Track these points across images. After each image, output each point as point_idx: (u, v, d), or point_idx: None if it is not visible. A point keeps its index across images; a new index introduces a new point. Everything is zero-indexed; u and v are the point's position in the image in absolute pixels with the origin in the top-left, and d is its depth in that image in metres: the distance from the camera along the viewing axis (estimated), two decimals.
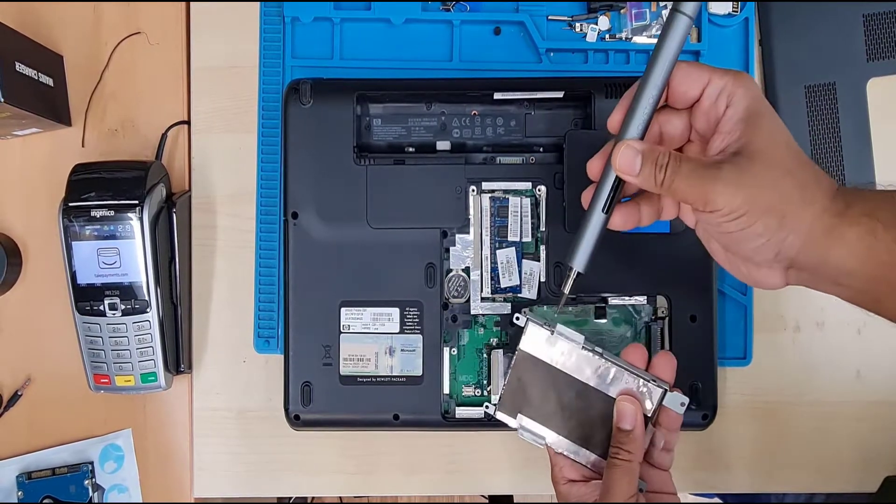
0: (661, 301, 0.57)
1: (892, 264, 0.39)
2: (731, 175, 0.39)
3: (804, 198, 0.40)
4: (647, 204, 0.45)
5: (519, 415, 0.48)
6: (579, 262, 0.45)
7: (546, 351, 0.47)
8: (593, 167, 0.45)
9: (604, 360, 0.47)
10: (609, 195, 0.43)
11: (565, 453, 0.48)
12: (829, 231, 0.39)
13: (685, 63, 0.42)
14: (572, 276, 0.45)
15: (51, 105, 0.61)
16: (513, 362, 0.48)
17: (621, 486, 0.44)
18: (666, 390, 0.46)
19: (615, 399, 0.46)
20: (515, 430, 0.49)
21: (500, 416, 0.49)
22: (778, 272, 0.42)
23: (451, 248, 0.57)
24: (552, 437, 0.48)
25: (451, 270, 0.57)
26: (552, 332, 0.47)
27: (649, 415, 0.46)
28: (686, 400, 0.46)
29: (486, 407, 0.49)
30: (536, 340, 0.47)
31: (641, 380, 0.46)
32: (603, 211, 0.44)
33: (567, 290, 0.46)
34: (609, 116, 0.44)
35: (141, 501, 0.63)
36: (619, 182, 0.43)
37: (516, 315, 0.48)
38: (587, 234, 0.44)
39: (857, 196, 0.40)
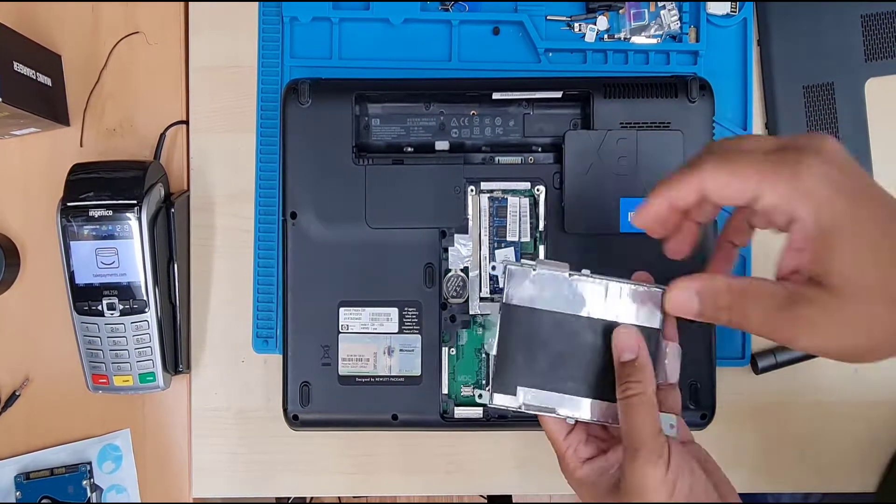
0: None
1: None
2: (814, 316, 0.32)
3: None
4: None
5: (518, 388, 0.42)
6: None
7: (532, 295, 0.42)
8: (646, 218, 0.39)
9: (596, 281, 0.41)
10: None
11: (581, 417, 0.42)
12: None
13: (719, 167, 0.35)
14: None
15: (49, 105, 0.61)
16: (499, 323, 0.43)
17: (644, 427, 0.38)
18: (664, 290, 0.41)
19: (622, 324, 0.41)
20: (518, 409, 0.43)
21: (498, 399, 0.43)
22: None
23: (449, 248, 0.57)
24: (566, 402, 0.42)
25: (449, 270, 0.57)
26: (534, 269, 0.42)
27: (657, 325, 0.41)
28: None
29: (479, 396, 0.45)
30: (519, 287, 0.42)
31: (642, 287, 0.41)
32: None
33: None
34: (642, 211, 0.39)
35: (139, 502, 0.63)
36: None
37: (492, 264, 0.44)
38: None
39: None
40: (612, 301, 0.42)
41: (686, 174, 0.36)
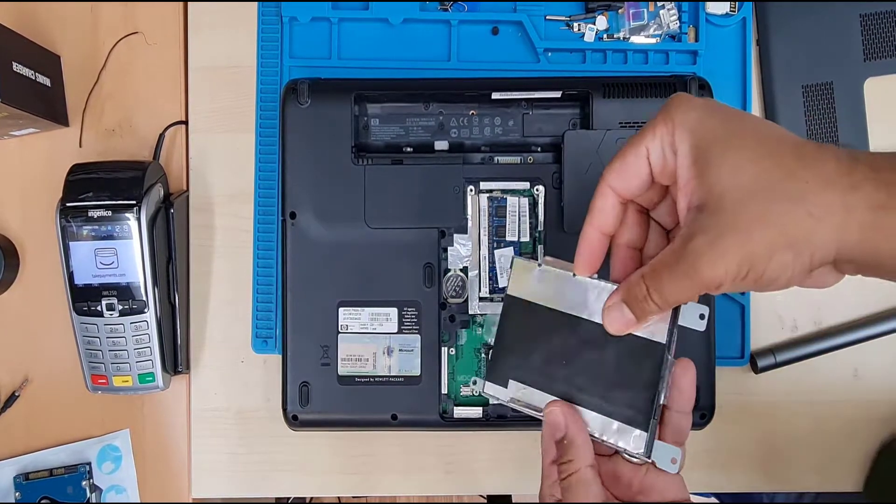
0: None
1: None
2: (706, 244, 0.32)
3: (809, 206, 0.31)
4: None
5: (511, 381, 0.41)
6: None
7: (535, 290, 0.41)
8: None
9: (601, 285, 0.39)
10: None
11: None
12: (866, 229, 0.31)
13: (617, 158, 0.36)
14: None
15: (48, 105, 0.61)
16: (500, 313, 0.42)
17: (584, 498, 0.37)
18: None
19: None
20: (507, 403, 0.41)
21: (489, 388, 0.41)
22: (826, 275, 0.34)
23: (449, 248, 0.57)
24: (558, 407, 0.40)
25: (449, 270, 0.57)
26: (539, 265, 0.41)
27: (664, 340, 0.38)
28: (706, 311, 0.38)
29: (474, 383, 0.42)
30: (523, 280, 0.41)
31: None
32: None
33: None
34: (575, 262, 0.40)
35: (139, 502, 0.63)
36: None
37: (501, 254, 0.43)
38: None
39: (873, 169, 0.31)
40: None
41: (597, 191, 0.38)
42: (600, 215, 0.38)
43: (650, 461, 0.39)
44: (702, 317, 0.38)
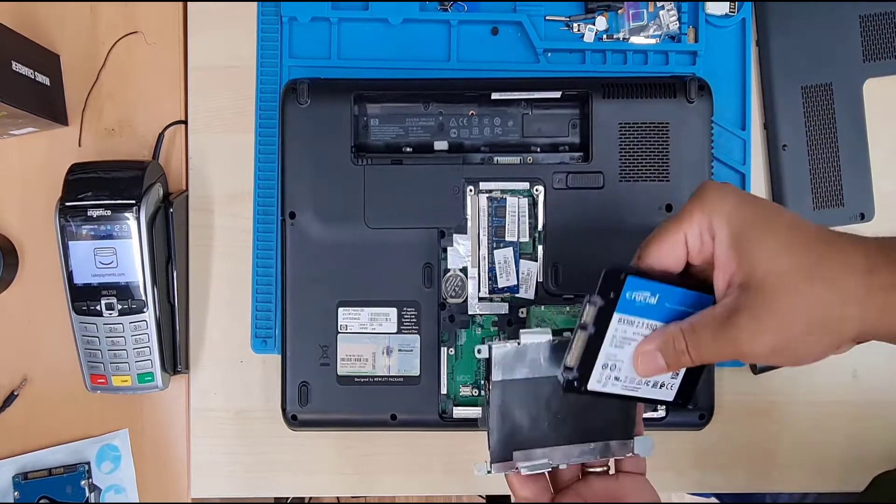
0: None
1: None
2: (749, 320, 0.35)
3: (839, 290, 0.35)
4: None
5: (514, 453, 0.43)
6: None
7: (520, 367, 0.43)
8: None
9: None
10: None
11: (571, 463, 0.44)
12: (884, 309, 0.35)
13: (654, 241, 0.39)
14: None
15: (47, 104, 0.61)
16: (489, 401, 0.43)
17: None
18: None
19: None
20: (516, 473, 0.43)
21: (497, 468, 0.43)
22: (846, 346, 0.38)
23: (448, 248, 0.57)
24: (556, 455, 0.43)
25: (448, 270, 0.57)
26: (518, 343, 0.42)
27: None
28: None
29: (478, 470, 0.44)
30: (506, 363, 0.42)
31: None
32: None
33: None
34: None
35: (138, 502, 0.63)
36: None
37: (478, 348, 0.45)
38: None
39: (885, 252, 0.35)
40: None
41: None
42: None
43: (632, 455, 0.45)
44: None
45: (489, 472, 0.43)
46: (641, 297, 0.38)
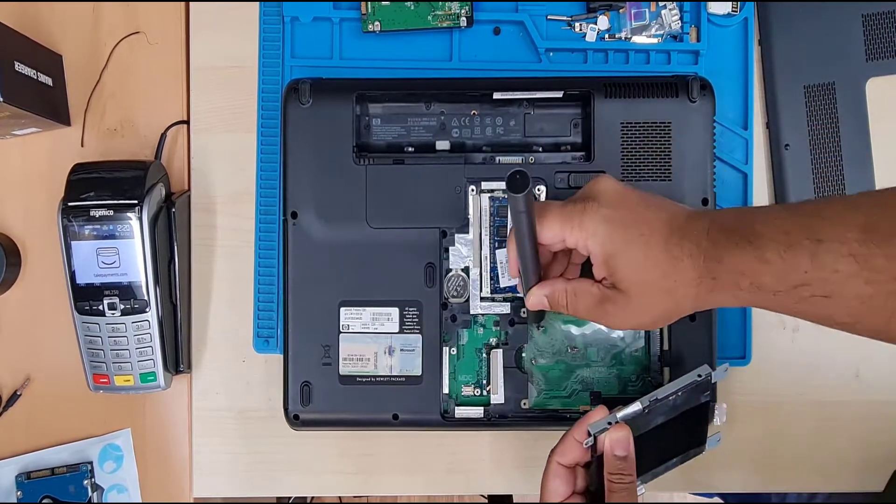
0: None
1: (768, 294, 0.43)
2: (616, 310, 0.47)
3: (677, 299, 0.46)
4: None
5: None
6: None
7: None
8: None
9: (664, 397, 0.49)
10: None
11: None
12: (707, 301, 0.46)
13: (540, 222, 0.47)
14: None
15: (50, 105, 0.61)
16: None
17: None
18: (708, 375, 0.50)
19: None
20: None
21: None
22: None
23: (450, 248, 0.57)
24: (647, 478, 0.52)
25: (450, 270, 0.57)
26: (616, 421, 0.48)
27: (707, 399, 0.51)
28: (713, 372, 0.50)
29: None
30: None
31: (680, 390, 0.49)
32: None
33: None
34: (508, 264, 0.52)
35: (140, 501, 0.63)
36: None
37: (587, 442, 0.48)
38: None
39: (709, 243, 0.44)
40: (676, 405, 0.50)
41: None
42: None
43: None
44: (726, 370, 0.50)
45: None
46: None
